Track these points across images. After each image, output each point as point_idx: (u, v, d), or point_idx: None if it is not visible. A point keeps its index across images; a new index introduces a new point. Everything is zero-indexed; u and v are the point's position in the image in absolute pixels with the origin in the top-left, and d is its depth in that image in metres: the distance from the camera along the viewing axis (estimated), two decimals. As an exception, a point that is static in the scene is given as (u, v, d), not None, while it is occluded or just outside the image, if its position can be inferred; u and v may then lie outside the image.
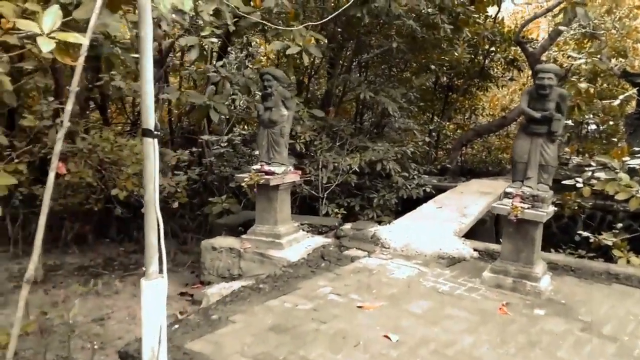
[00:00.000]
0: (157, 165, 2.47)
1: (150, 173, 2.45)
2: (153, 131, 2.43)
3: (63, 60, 3.08)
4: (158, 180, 2.48)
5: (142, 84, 2.40)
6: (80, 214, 7.98)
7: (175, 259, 7.50)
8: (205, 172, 8.72)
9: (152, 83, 2.43)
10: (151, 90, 2.42)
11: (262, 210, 5.93)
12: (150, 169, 2.45)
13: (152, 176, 2.45)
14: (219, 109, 6.44)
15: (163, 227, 2.55)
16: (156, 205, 2.49)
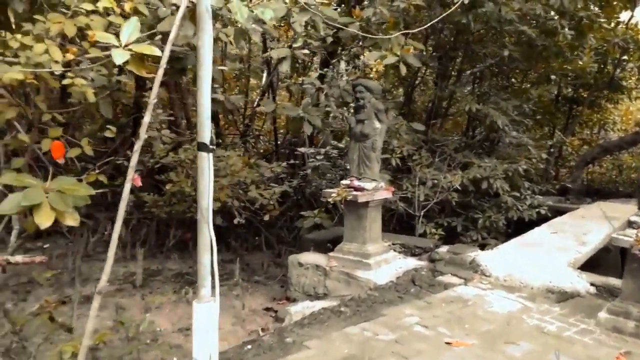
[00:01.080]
0: (211, 180, 2.31)
1: (204, 189, 2.29)
2: (208, 145, 2.27)
3: (139, 72, 3.05)
4: (212, 196, 2.31)
5: (199, 96, 2.25)
6: (184, 221, 8.25)
7: (267, 271, 7.47)
8: (304, 184, 8.66)
9: (210, 95, 2.27)
10: (208, 103, 2.26)
11: (350, 228, 5.67)
12: (205, 185, 2.29)
13: (206, 192, 2.29)
14: (313, 122, 6.30)
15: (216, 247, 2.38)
16: (209, 224, 2.32)
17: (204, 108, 2.26)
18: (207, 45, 2.22)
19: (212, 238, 2.33)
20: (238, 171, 6.44)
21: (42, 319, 3.99)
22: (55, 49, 3.17)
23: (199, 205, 2.32)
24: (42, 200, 2.89)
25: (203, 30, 2.21)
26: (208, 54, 2.23)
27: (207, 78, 2.24)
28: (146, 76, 3.19)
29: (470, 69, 10.22)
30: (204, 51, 2.22)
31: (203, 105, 2.25)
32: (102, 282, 3.28)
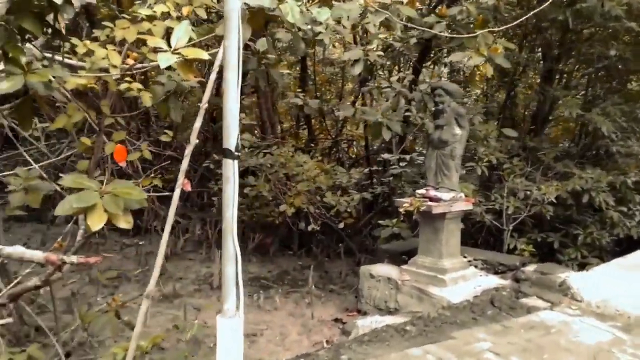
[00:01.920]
0: (236, 189, 2.18)
1: (228, 197, 2.17)
2: (233, 152, 2.15)
3: (186, 77, 3.03)
4: (236, 205, 2.19)
5: (225, 100, 2.14)
6: (268, 225, 8.32)
7: (345, 280, 7.29)
8: (387, 191, 8.38)
9: (237, 99, 2.15)
10: (235, 107, 2.14)
11: (425, 241, 5.34)
12: (229, 194, 2.17)
13: (230, 202, 2.17)
14: (392, 127, 6.04)
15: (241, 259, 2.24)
16: (234, 235, 2.20)
17: (230, 112, 2.14)
18: (234, 46, 2.10)
19: (237, 249, 2.20)
20: (314, 177, 6.34)
21: (108, 316, 4.13)
22: (114, 54, 3.23)
23: (223, 215, 2.20)
24: (95, 203, 2.92)
25: (230, 30, 2.10)
26: (234, 55, 2.11)
27: (234, 80, 2.12)
28: (194, 79, 3.17)
29: (579, 70, 9.37)
30: (230, 52, 2.10)
31: (229, 109, 2.13)
32: (150, 287, 3.27)
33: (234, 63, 2.12)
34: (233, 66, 2.12)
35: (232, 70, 2.12)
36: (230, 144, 2.15)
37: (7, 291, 3.30)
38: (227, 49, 2.11)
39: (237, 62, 2.12)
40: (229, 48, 2.10)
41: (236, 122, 2.16)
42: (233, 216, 2.19)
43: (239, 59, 2.20)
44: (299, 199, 6.30)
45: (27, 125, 2.74)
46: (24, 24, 2.50)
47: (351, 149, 13.81)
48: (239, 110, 2.22)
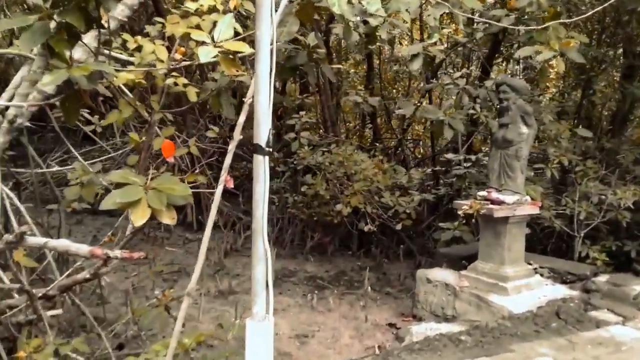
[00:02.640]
0: (267, 187, 2.08)
1: (259, 196, 2.07)
2: (264, 147, 2.05)
3: (228, 71, 2.97)
4: (267, 204, 2.09)
5: (256, 93, 2.04)
6: (328, 224, 8.22)
7: (403, 283, 7.06)
8: (451, 192, 8.07)
9: (268, 92, 2.05)
10: (266, 100, 2.04)
11: (486, 245, 5.04)
12: (260, 192, 2.07)
13: (261, 200, 2.07)
14: (454, 125, 5.77)
15: (272, 261, 2.14)
16: (264, 235, 2.10)
17: (261, 106, 2.03)
18: (265, 36, 2.00)
19: (267, 250, 2.10)
20: (372, 176, 6.17)
21: (158, 311, 4.17)
22: (161, 48, 3.23)
23: (253, 214, 2.10)
24: (139, 198, 2.92)
25: (261, 20, 1.99)
26: (266, 46, 2.01)
27: (265, 73, 2.01)
28: (236, 74, 3.10)
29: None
30: (261, 43, 2.00)
31: (260, 103, 2.03)
32: (191, 285, 3.25)
33: (265, 54, 2.02)
34: (264, 58, 2.02)
35: (263, 62, 2.02)
36: (261, 139, 2.05)
37: (58, 283, 3.38)
38: (257, 40, 2.01)
39: (271, 54, 2.02)
40: (260, 38, 2.00)
41: (268, 116, 2.06)
42: (263, 215, 2.09)
43: (272, 52, 2.10)
44: (356, 198, 6.15)
45: (71, 119, 2.77)
46: (67, 18, 2.51)
47: (417, 148, 13.49)
48: (271, 103, 2.12)
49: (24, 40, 2.46)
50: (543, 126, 6.37)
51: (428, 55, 5.07)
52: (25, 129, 4.39)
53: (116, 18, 4.39)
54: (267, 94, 2.04)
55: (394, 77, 13.54)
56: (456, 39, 6.13)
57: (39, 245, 2.90)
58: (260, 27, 2.00)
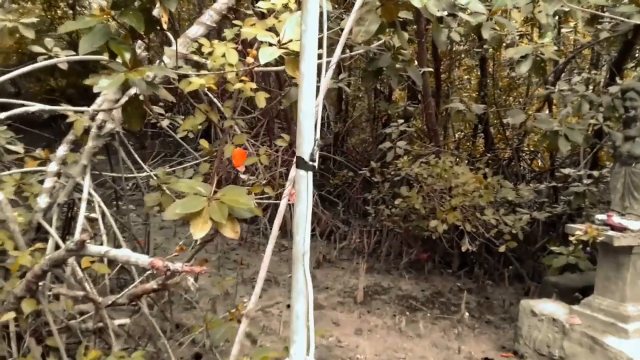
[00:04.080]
0: (309, 207, 1.78)
1: (300, 218, 1.78)
2: (308, 161, 1.75)
3: (293, 74, 2.72)
4: (309, 226, 1.79)
5: (300, 100, 1.75)
6: (425, 240, 7.74)
7: (508, 310, 6.37)
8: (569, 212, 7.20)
9: (314, 98, 1.75)
10: (310, 108, 1.74)
11: (603, 278, 4.31)
12: (302, 213, 1.78)
13: (302, 222, 1.78)
14: (572, 137, 5.06)
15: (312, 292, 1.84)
16: (305, 265, 1.80)
17: (305, 114, 1.74)
18: (312, 31, 1.71)
19: (309, 282, 1.80)
20: (472, 191, 5.62)
21: (230, 324, 4.02)
22: (232, 51, 3.06)
23: (293, 238, 1.81)
24: (201, 209, 2.78)
25: (308, 11, 1.70)
26: (312, 42, 1.71)
27: (310, 75, 1.72)
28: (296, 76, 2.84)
29: None
30: (307, 39, 1.71)
31: (303, 111, 1.74)
32: (250, 304, 3.03)
33: (311, 54, 1.72)
34: (309, 58, 1.72)
35: (308, 63, 1.72)
36: (304, 152, 1.75)
37: (128, 291, 3.34)
38: (302, 35, 1.72)
39: (314, 51, 1.72)
40: (306, 34, 1.71)
41: (311, 125, 1.76)
42: (305, 241, 1.79)
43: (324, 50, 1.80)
44: (452, 215, 5.64)
45: (135, 125, 2.68)
46: (126, 20, 2.41)
47: (535, 160, 12.43)
48: (320, 111, 1.82)
49: (83, 43, 2.40)
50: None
51: (540, 58, 4.47)
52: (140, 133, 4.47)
53: (204, 24, 4.36)
54: (312, 100, 1.74)
55: (509, 84, 12.60)
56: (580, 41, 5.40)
57: (100, 255, 2.84)
58: (307, 20, 1.71)
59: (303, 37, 1.72)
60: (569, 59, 8.41)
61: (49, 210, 4.11)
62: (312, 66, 1.73)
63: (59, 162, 4.17)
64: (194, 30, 4.23)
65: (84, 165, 4.07)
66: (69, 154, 4.15)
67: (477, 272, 7.71)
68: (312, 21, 1.71)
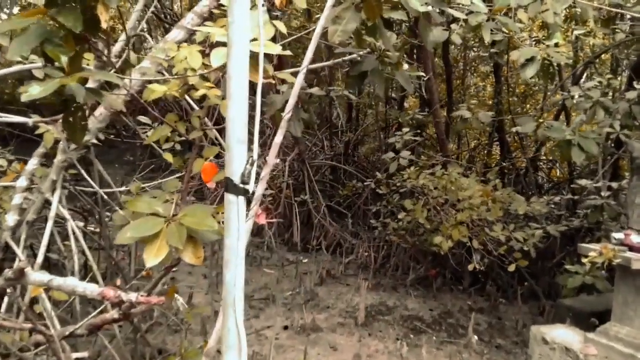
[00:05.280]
0: (242, 241, 1.45)
1: (231, 254, 1.45)
2: (239, 184, 1.42)
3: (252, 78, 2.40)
4: (242, 265, 1.46)
5: (229, 106, 1.43)
6: (434, 254, 7.33)
7: (520, 333, 5.93)
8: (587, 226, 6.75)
9: (245, 102, 1.43)
10: (241, 115, 1.42)
11: (622, 303, 3.88)
12: (232, 247, 1.45)
13: (233, 260, 1.45)
14: (586, 147, 4.66)
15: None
16: (238, 310, 1.46)
17: (234, 124, 1.41)
18: (240, 22, 1.38)
19: (242, 335, 1.46)
20: (478, 205, 5.23)
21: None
22: (195, 54, 2.76)
23: (223, 278, 1.48)
24: (157, 232, 2.47)
25: (235, 2, 1.38)
26: (241, 36, 1.39)
27: (239, 75, 1.40)
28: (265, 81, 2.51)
29: None
30: (235, 32, 1.39)
31: (232, 120, 1.41)
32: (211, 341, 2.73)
33: (240, 54, 1.40)
34: (237, 59, 1.40)
35: (236, 66, 1.40)
36: (234, 172, 1.42)
37: (87, 321, 3.02)
38: (230, 27, 1.40)
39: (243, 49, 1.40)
40: (233, 26, 1.39)
41: (243, 138, 1.43)
42: (237, 283, 1.45)
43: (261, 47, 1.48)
44: (457, 231, 5.25)
45: (77, 138, 2.37)
46: (60, 18, 2.11)
47: (554, 169, 11.95)
48: (257, 120, 1.49)
49: (13, 46, 2.11)
50: None
51: (549, 61, 4.09)
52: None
53: (185, 27, 4.07)
54: (242, 105, 1.41)
55: (525, 91, 12.16)
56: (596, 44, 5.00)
57: (43, 284, 2.53)
58: (233, 9, 1.39)
59: (230, 29, 1.39)
60: (586, 63, 7.98)
61: (18, 228, 3.84)
62: (241, 65, 1.40)
63: (28, 176, 3.90)
64: (173, 35, 3.94)
65: (53, 180, 3.79)
66: (38, 168, 3.88)
67: (489, 290, 7.27)
68: (240, 10, 1.38)
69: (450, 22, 4.76)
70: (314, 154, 11.97)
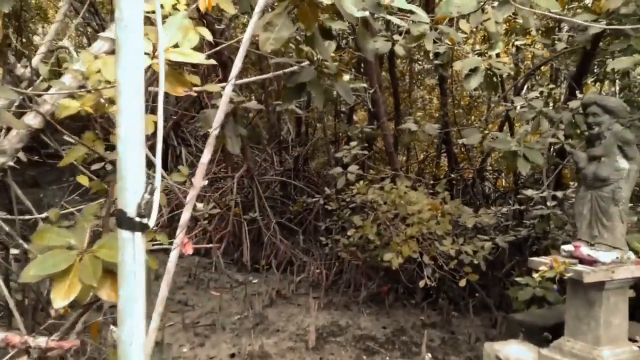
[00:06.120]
0: (140, 288, 1.19)
1: (126, 305, 1.19)
2: (134, 217, 1.17)
3: (173, 91, 2.16)
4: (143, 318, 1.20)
5: (118, 126, 1.18)
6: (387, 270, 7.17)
7: (473, 348, 5.82)
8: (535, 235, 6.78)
9: (141, 118, 1.18)
10: (136, 135, 1.17)
11: (575, 318, 3.80)
12: (128, 298, 1.19)
13: (129, 311, 1.19)
14: (531, 157, 4.62)
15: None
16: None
17: (128, 145, 1.17)
18: (130, 22, 1.14)
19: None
20: (427, 220, 5.11)
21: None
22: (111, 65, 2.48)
23: (118, 334, 1.22)
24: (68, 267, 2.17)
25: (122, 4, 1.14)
26: (134, 39, 1.15)
27: (132, 86, 1.15)
28: (180, 94, 2.27)
29: None
30: (125, 34, 1.15)
31: (123, 140, 1.16)
32: None
33: (133, 55, 1.16)
34: (131, 61, 1.16)
35: (128, 69, 1.15)
36: (127, 204, 1.17)
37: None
38: (118, 27, 1.15)
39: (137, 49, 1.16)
40: (121, 23, 1.15)
41: (139, 161, 1.18)
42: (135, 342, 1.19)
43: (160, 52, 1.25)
44: (407, 247, 5.12)
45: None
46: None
47: (499, 180, 12.12)
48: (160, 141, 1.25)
49: None
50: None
51: (492, 72, 4.02)
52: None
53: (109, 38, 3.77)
54: (137, 122, 1.17)
55: (469, 103, 12.34)
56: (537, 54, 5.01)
57: None
58: (121, 5, 1.14)
59: (118, 29, 1.15)
60: (528, 74, 8.10)
61: None
62: (134, 73, 1.16)
63: None
64: (98, 46, 3.65)
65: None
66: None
67: (441, 303, 7.17)
68: (130, 7, 1.14)
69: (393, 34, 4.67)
70: (263, 169, 11.71)
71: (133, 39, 1.15)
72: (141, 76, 1.17)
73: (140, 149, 1.18)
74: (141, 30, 1.16)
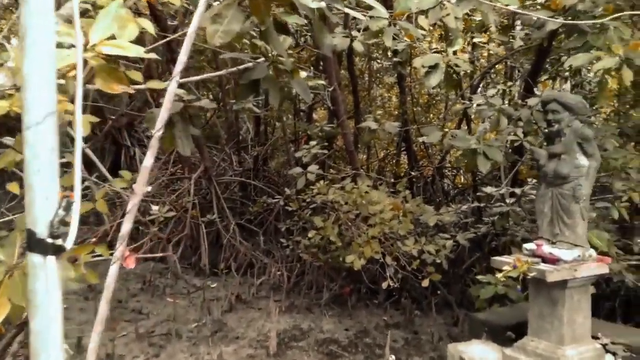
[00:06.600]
0: (56, 321, 1.00)
1: (38, 336, 1.00)
2: (46, 238, 0.98)
3: (105, 88, 1.95)
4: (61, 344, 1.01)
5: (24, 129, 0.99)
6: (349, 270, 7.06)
7: (437, 347, 5.77)
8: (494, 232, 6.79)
9: (53, 117, 0.99)
10: (47, 140, 0.98)
11: (537, 316, 3.77)
12: (42, 334, 0.99)
13: (44, 342, 0.99)
14: (491, 155, 4.58)
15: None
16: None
17: (35, 150, 0.97)
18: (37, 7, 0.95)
19: None
20: (389, 220, 5.02)
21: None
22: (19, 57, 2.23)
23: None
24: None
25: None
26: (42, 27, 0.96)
27: (40, 81, 0.96)
28: (115, 91, 2.06)
29: None
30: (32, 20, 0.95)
31: (31, 145, 0.97)
32: None
33: (42, 46, 0.97)
34: (39, 52, 0.96)
35: (35, 61, 0.96)
36: (36, 221, 0.98)
37: None
38: (23, 13, 0.96)
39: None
40: (28, 6, 0.95)
41: (52, 172, 0.99)
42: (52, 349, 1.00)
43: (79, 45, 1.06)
44: (369, 248, 5.01)
45: None
46: None
47: (458, 176, 12.20)
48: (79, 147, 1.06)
49: None
50: (605, 153, 5.07)
51: (452, 69, 3.94)
52: None
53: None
54: (49, 127, 0.98)
55: (428, 101, 12.38)
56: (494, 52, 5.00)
57: None
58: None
59: (23, 16, 0.96)
60: (484, 72, 8.14)
61: None
62: (43, 66, 0.97)
63: None
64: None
65: None
66: None
67: (404, 303, 7.10)
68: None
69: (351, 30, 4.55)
70: (222, 169, 11.43)
71: (42, 27, 0.96)
72: (53, 67, 0.98)
73: (52, 155, 0.99)
74: (52, 12, 0.97)
